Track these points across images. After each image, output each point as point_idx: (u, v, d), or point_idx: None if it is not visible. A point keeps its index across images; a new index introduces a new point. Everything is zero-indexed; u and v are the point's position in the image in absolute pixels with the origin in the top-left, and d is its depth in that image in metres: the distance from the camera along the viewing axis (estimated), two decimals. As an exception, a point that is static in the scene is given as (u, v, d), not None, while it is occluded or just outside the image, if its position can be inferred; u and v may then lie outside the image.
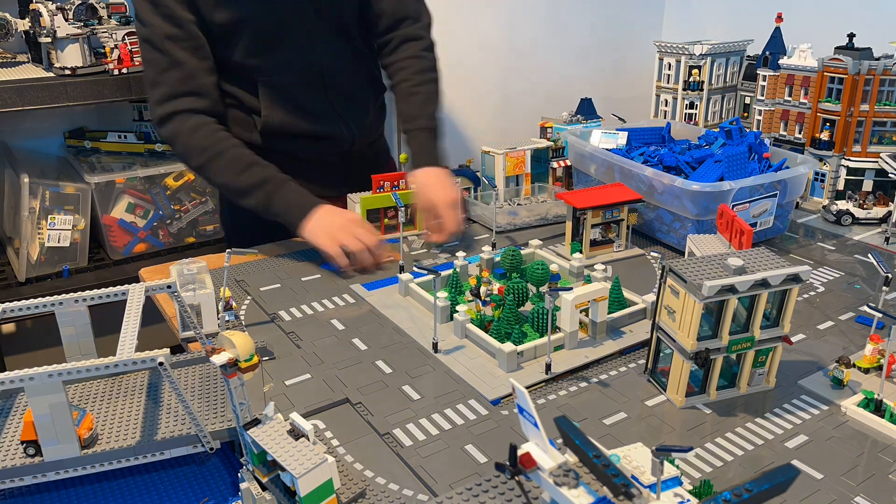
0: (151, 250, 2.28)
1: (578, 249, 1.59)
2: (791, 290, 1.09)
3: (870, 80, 1.87)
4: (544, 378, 1.19)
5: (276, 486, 0.88)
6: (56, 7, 1.94)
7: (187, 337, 1.30)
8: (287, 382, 1.19)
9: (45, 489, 1.02)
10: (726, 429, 1.07)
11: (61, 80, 1.94)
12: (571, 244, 1.62)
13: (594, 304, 1.26)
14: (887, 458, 1.01)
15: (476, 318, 1.33)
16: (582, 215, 1.59)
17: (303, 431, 0.87)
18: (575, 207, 1.59)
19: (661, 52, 2.40)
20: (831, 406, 1.12)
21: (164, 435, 1.00)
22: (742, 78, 2.40)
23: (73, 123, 2.38)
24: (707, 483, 0.88)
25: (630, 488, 0.69)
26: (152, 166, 2.23)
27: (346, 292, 1.50)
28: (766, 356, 1.14)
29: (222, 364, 0.87)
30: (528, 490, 0.80)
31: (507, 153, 1.91)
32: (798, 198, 1.85)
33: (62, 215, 2.10)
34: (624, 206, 1.62)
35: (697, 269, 1.07)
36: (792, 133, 2.03)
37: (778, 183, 1.62)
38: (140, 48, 1.67)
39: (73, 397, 1.10)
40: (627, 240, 1.66)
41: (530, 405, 0.72)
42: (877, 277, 1.54)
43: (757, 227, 1.63)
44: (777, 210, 1.65)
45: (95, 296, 1.09)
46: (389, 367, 1.23)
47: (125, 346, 0.93)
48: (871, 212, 1.84)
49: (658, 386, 1.17)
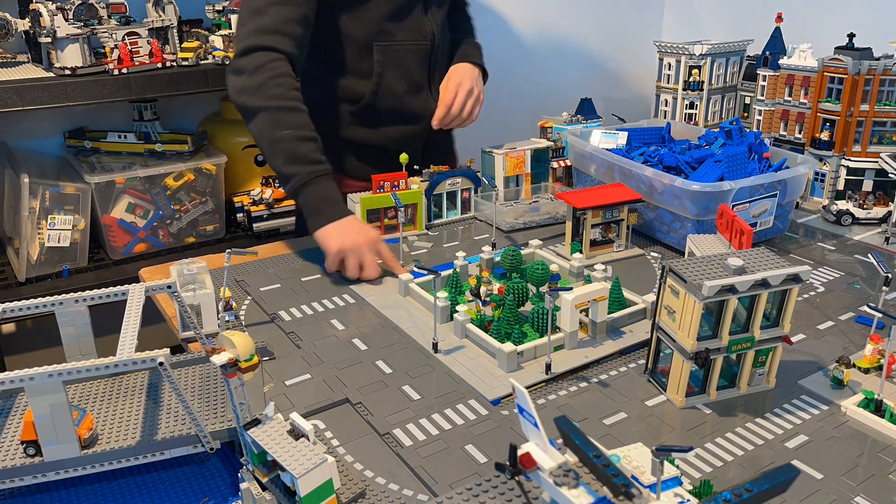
0: (151, 250, 2.28)
1: (579, 249, 1.59)
2: (791, 290, 1.09)
3: (870, 80, 1.87)
4: (544, 378, 1.19)
5: (276, 486, 0.88)
6: (56, 7, 1.94)
7: (187, 337, 1.30)
8: (287, 382, 1.19)
9: (45, 489, 1.02)
10: (726, 429, 1.07)
11: (61, 80, 1.94)
12: (571, 244, 1.62)
13: (594, 304, 1.26)
14: (887, 458, 1.01)
15: (476, 318, 1.33)
16: (582, 215, 1.59)
17: (303, 431, 0.87)
18: (575, 207, 1.59)
19: (661, 52, 2.40)
20: (831, 406, 1.12)
21: (164, 435, 1.00)
22: (742, 78, 2.40)
23: (73, 123, 2.38)
24: (707, 483, 0.88)
25: (630, 488, 0.69)
26: (152, 166, 2.23)
27: (346, 292, 1.50)
28: (766, 356, 1.14)
29: (222, 364, 0.87)
30: (528, 490, 0.80)
31: (507, 153, 1.91)
32: (798, 198, 1.84)
33: (62, 215, 2.10)
34: (624, 206, 1.62)
35: (697, 269, 1.07)
36: (792, 133, 2.03)
37: (778, 183, 1.62)
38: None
39: (73, 397, 1.10)
40: (627, 240, 1.66)
41: (530, 405, 0.72)
42: (877, 277, 1.54)
43: (757, 227, 1.63)
44: (777, 210, 1.65)
45: (95, 296, 1.09)
46: (389, 367, 1.23)
47: (125, 346, 0.93)
48: (871, 212, 1.84)
49: (658, 386, 1.17)
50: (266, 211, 2.32)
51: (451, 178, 1.86)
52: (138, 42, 2.06)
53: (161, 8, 2.20)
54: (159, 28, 2.19)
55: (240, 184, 2.49)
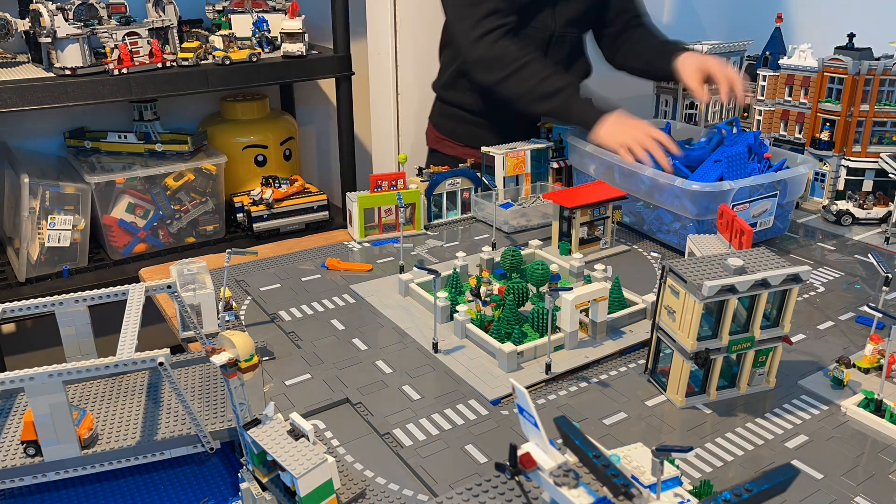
0: (151, 250, 2.28)
1: (568, 249, 1.60)
2: (791, 290, 1.09)
3: (870, 80, 1.87)
4: (544, 378, 1.19)
5: (276, 486, 0.88)
6: (56, 7, 1.94)
7: (187, 337, 1.30)
8: (287, 382, 1.19)
9: (45, 489, 1.02)
10: (726, 429, 1.07)
11: (61, 80, 1.94)
12: (560, 244, 1.63)
13: (594, 304, 1.26)
14: (887, 458, 1.01)
15: (476, 318, 1.33)
16: (571, 214, 1.59)
17: (303, 431, 0.87)
18: (564, 206, 1.59)
19: (661, 52, 2.40)
20: (831, 406, 1.12)
21: (164, 435, 1.00)
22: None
23: (73, 123, 2.38)
24: (707, 483, 0.88)
25: (630, 488, 0.69)
26: (152, 166, 2.23)
27: (346, 292, 1.50)
28: (766, 356, 1.14)
29: (222, 364, 0.87)
30: (528, 490, 0.80)
31: (507, 153, 1.91)
32: (798, 198, 1.84)
33: (62, 215, 2.09)
34: (609, 203, 1.64)
35: (697, 269, 1.07)
36: (792, 133, 2.03)
37: (778, 183, 1.62)
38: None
39: (73, 397, 1.10)
40: (613, 236, 1.69)
41: (530, 405, 0.72)
42: (877, 277, 1.54)
43: (757, 228, 1.63)
44: (777, 210, 1.65)
45: (95, 296, 1.09)
46: (389, 367, 1.23)
47: (125, 346, 0.93)
48: (871, 212, 1.84)
49: (658, 386, 1.17)
50: (266, 211, 2.32)
51: (451, 178, 1.86)
52: (138, 42, 2.06)
53: (161, 8, 2.20)
54: (159, 28, 2.19)
55: (240, 184, 2.49)
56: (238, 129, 2.50)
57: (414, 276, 1.47)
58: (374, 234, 1.77)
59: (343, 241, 1.78)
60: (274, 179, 2.38)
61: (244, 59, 2.20)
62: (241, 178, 2.50)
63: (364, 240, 1.76)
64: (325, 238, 1.81)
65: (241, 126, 2.52)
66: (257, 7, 2.38)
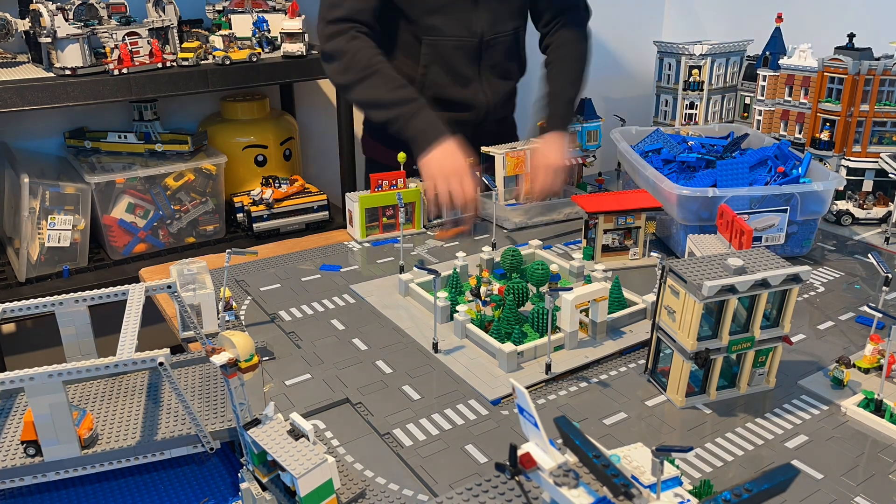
0: (151, 250, 2.28)
1: (590, 254, 1.58)
2: (791, 290, 1.09)
3: (870, 80, 1.87)
4: (544, 378, 1.19)
5: (276, 486, 0.88)
6: (56, 7, 1.94)
7: (187, 337, 1.30)
8: (287, 382, 1.19)
9: (45, 489, 1.02)
10: (726, 429, 1.07)
11: (61, 80, 1.94)
12: (584, 249, 1.60)
13: (594, 304, 1.26)
14: (887, 458, 1.01)
15: (476, 318, 1.33)
16: (592, 220, 1.56)
17: (303, 431, 0.87)
18: (586, 211, 1.56)
19: (661, 52, 2.40)
20: (831, 406, 1.12)
21: (164, 435, 1.00)
22: (742, 78, 2.40)
23: (73, 123, 2.38)
24: (707, 483, 0.88)
25: (630, 488, 0.69)
26: (152, 166, 2.23)
27: (346, 292, 1.50)
28: (766, 356, 1.14)
29: (222, 364, 0.87)
30: (528, 490, 0.80)
31: (507, 153, 1.91)
32: (821, 216, 1.61)
33: (62, 215, 2.10)
34: (641, 213, 1.55)
35: (697, 269, 1.07)
36: (792, 133, 2.03)
37: (787, 197, 1.52)
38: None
39: (73, 397, 1.10)
40: (646, 247, 1.60)
41: (530, 405, 0.72)
42: (877, 277, 1.54)
43: (762, 242, 1.55)
44: (792, 228, 1.56)
45: (95, 296, 1.09)
46: (389, 367, 1.23)
47: (125, 346, 0.93)
48: (871, 212, 1.84)
49: (658, 386, 1.17)
50: (266, 211, 2.32)
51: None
52: (138, 42, 2.06)
53: (161, 8, 2.20)
54: (159, 28, 2.19)
55: (240, 184, 2.49)
56: (238, 129, 2.50)
57: (414, 276, 1.47)
58: (375, 234, 1.77)
59: (343, 241, 1.78)
60: (274, 179, 2.38)
61: (244, 59, 2.20)
62: (241, 178, 2.50)
63: (365, 240, 1.76)
64: (325, 238, 1.81)
65: (241, 126, 2.52)
66: (257, 7, 2.38)
